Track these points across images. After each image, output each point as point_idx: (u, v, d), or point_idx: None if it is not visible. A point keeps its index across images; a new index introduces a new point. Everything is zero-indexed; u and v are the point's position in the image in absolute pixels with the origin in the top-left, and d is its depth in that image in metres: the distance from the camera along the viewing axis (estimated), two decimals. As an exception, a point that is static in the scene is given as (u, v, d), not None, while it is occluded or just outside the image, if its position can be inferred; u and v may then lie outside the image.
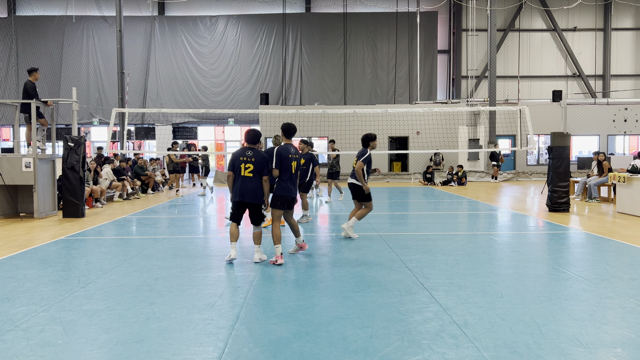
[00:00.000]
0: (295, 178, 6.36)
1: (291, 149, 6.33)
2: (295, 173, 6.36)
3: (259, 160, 6.08)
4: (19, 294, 4.89)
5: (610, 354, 3.43)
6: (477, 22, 27.94)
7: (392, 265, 6.05)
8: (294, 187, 6.36)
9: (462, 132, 24.77)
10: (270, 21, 29.26)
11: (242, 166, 6.04)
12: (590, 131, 25.79)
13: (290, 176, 6.29)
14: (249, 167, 6.04)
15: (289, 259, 6.44)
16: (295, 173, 6.34)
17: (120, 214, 11.31)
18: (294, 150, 6.37)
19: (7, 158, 10.58)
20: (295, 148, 6.46)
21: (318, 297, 4.75)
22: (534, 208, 12.13)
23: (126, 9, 27.37)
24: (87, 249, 7.19)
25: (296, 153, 6.40)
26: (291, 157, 6.29)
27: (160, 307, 4.45)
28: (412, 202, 14.02)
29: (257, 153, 6.14)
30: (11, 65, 28.82)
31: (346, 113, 20.34)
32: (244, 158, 6.07)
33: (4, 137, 29.49)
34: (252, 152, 6.12)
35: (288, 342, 3.65)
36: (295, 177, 6.35)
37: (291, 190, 6.31)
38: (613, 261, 6.23)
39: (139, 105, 28.52)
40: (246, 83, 29.24)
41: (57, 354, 3.47)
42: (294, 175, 6.34)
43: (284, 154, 6.22)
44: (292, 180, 6.31)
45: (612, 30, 29.60)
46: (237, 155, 6.12)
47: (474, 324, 3.98)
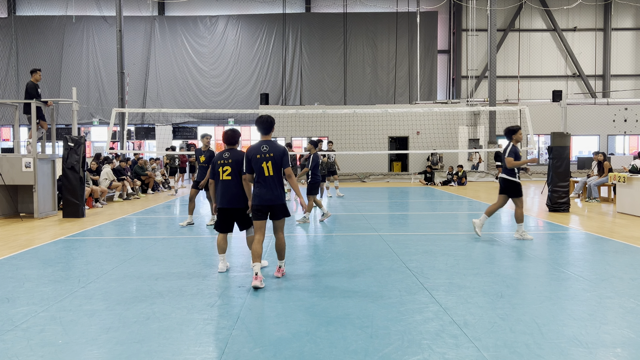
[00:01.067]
0: (271, 181, 5.27)
1: (262, 148, 5.28)
2: (273, 175, 5.27)
3: (236, 161, 5.56)
4: (19, 294, 4.89)
5: (610, 354, 3.43)
6: (477, 22, 27.94)
7: (392, 265, 6.05)
8: (270, 192, 5.26)
9: (462, 132, 24.78)
10: (270, 21, 29.26)
11: (220, 170, 5.59)
12: (590, 131, 25.79)
13: (261, 179, 5.28)
14: (227, 169, 5.55)
15: (277, 258, 6.43)
16: (272, 176, 5.26)
17: (120, 214, 11.31)
18: (266, 149, 5.24)
19: (7, 158, 10.58)
20: (270, 145, 5.29)
21: (318, 297, 4.75)
22: (534, 208, 12.12)
23: (126, 9, 27.37)
24: (87, 249, 7.19)
25: (270, 151, 5.25)
26: (260, 158, 5.23)
27: (160, 307, 4.44)
28: (412, 202, 14.01)
29: (235, 154, 5.63)
30: (11, 66, 28.83)
31: (346, 113, 20.34)
32: (221, 161, 5.61)
33: (4, 137, 29.48)
34: (229, 154, 5.63)
35: (288, 342, 3.65)
36: (272, 180, 5.27)
37: (262, 197, 5.24)
38: (613, 261, 6.22)
39: (139, 105, 28.52)
40: (246, 83, 29.25)
41: (57, 354, 3.47)
42: (270, 178, 5.26)
43: (250, 155, 5.27)
44: (266, 185, 5.26)
45: (612, 30, 29.61)
46: (216, 160, 5.71)
47: (474, 324, 3.98)
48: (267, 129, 5.38)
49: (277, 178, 5.31)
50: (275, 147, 5.32)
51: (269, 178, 5.26)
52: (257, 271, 5.06)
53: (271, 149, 5.27)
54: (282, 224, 5.44)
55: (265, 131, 5.40)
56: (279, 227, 5.43)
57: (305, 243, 7.74)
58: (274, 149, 5.28)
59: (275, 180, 5.29)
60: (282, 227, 5.43)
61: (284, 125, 23.37)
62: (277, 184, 5.31)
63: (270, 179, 5.27)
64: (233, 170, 5.55)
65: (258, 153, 5.25)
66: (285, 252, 5.80)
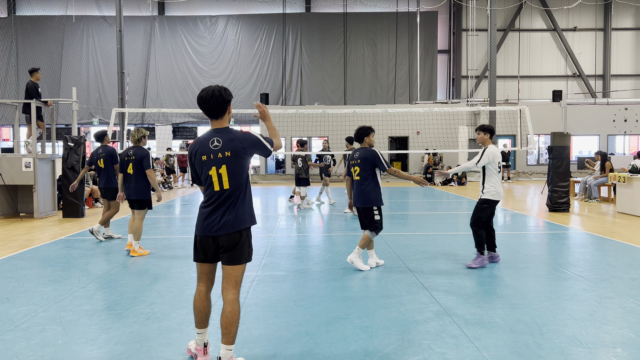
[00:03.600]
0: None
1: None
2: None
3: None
4: (19, 294, 4.89)
5: (610, 354, 3.43)
6: (477, 22, 27.93)
7: (392, 265, 6.05)
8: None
9: (462, 132, 24.76)
10: (270, 21, 29.26)
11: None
12: (590, 131, 25.78)
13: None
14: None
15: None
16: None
17: (120, 214, 11.30)
18: (218, 145, 3.27)
19: (7, 158, 10.58)
20: (224, 137, 3.24)
21: (318, 297, 4.74)
22: (534, 208, 12.12)
23: (126, 9, 27.36)
24: (87, 249, 7.19)
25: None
26: (208, 160, 3.31)
27: (160, 307, 4.44)
28: (412, 202, 14.01)
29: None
30: (11, 65, 28.82)
31: (346, 113, 20.33)
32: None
33: (4, 137, 29.48)
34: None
35: (288, 342, 3.65)
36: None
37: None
38: (613, 261, 6.22)
39: (139, 105, 28.51)
40: (246, 83, 29.24)
41: (57, 354, 3.47)
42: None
43: (193, 154, 3.46)
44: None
45: (612, 30, 29.60)
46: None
47: (474, 324, 3.98)
48: (217, 109, 3.19)
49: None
50: (234, 138, 3.18)
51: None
52: (205, 341, 3.36)
53: (226, 144, 3.17)
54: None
55: (214, 113, 3.22)
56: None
57: (305, 243, 7.73)
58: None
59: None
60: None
61: (284, 125, 23.37)
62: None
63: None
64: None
65: (204, 152, 3.21)
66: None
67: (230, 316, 3.10)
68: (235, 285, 3.18)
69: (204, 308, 3.27)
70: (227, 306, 3.13)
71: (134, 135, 6.90)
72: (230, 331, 3.10)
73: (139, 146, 6.86)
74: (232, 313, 3.11)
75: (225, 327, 3.09)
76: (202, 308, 3.27)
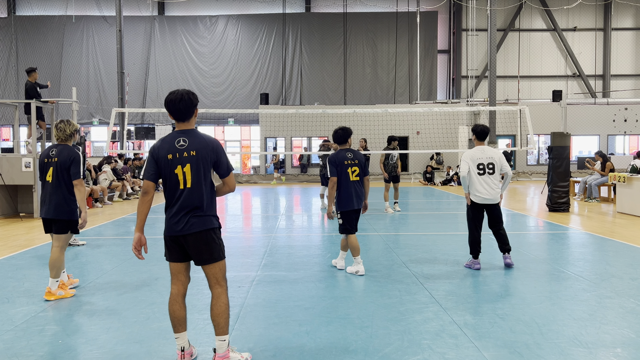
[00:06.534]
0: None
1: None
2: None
3: (359, 161, 5.68)
4: (19, 294, 4.88)
5: (610, 354, 3.43)
6: (477, 22, 27.92)
7: (392, 265, 6.05)
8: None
9: (462, 132, 24.75)
10: (270, 21, 29.26)
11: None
12: (590, 131, 25.78)
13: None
14: (355, 170, 5.60)
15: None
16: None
17: (120, 214, 11.30)
18: (183, 144, 3.18)
19: (7, 158, 10.58)
20: (190, 139, 3.20)
21: (318, 297, 4.74)
22: (534, 208, 12.12)
23: (126, 9, 27.35)
24: (87, 249, 7.19)
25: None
26: (173, 159, 3.17)
27: (160, 307, 4.44)
28: (412, 202, 14.01)
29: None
30: (11, 65, 28.81)
31: (346, 113, 20.32)
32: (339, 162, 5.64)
33: (4, 137, 29.47)
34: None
35: (288, 342, 3.65)
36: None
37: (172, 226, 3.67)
38: (613, 261, 6.22)
39: (139, 105, 28.51)
40: (246, 83, 29.24)
41: (57, 354, 3.47)
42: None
43: (158, 154, 3.24)
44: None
45: (612, 30, 29.60)
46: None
47: (474, 324, 3.98)
48: (186, 111, 3.19)
49: (199, 190, 3.23)
50: (201, 140, 3.22)
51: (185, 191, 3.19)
52: (182, 345, 3.28)
53: (192, 143, 3.18)
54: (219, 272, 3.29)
55: (182, 115, 3.21)
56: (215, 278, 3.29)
57: (305, 242, 7.73)
58: (197, 142, 3.20)
59: (196, 194, 3.22)
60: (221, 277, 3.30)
61: (284, 125, 23.37)
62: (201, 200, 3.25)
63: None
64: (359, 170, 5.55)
65: (170, 151, 3.16)
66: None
67: (217, 307, 3.21)
68: (218, 281, 3.26)
69: (178, 311, 3.27)
70: (213, 300, 3.25)
71: (63, 130, 4.99)
72: (219, 322, 3.19)
73: (66, 145, 4.98)
74: (219, 304, 3.21)
75: (214, 319, 3.21)
76: (175, 311, 3.27)
